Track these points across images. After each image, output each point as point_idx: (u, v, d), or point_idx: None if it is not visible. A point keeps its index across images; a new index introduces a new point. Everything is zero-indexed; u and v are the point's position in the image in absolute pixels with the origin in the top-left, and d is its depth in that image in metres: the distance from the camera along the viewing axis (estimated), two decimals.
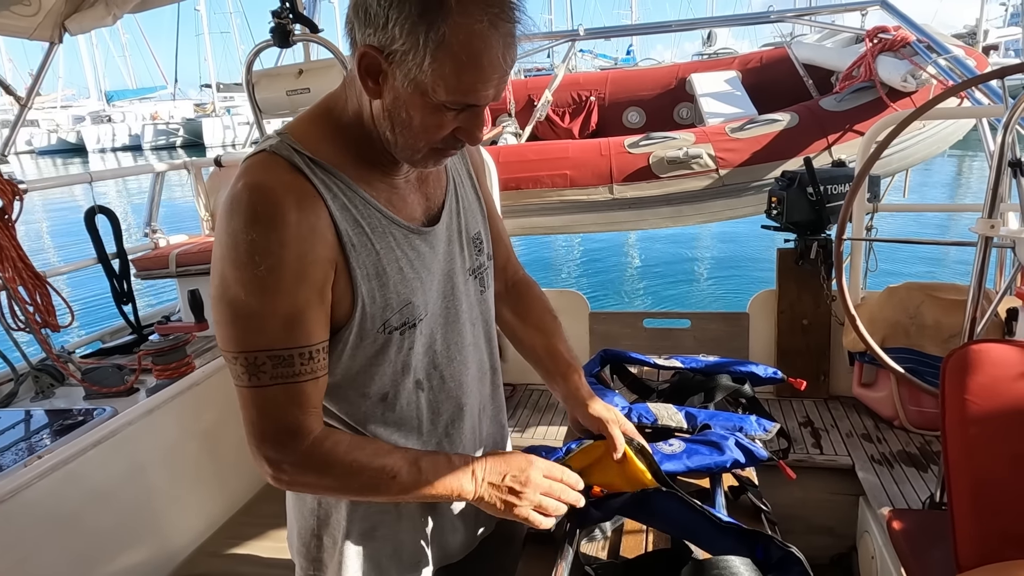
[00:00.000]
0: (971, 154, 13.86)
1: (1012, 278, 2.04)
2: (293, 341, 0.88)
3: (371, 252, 0.92)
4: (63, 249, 11.26)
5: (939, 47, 3.45)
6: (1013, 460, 1.36)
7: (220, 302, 0.88)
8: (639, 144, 3.81)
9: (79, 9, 2.49)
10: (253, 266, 0.84)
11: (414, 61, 0.80)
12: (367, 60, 0.83)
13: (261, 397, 0.89)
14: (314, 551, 1.11)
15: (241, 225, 0.84)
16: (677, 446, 1.34)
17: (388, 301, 0.95)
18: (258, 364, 0.87)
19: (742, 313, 2.90)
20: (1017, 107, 1.60)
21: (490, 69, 0.82)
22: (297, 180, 0.87)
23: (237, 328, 0.87)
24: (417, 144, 0.89)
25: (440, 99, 0.83)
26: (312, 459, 0.91)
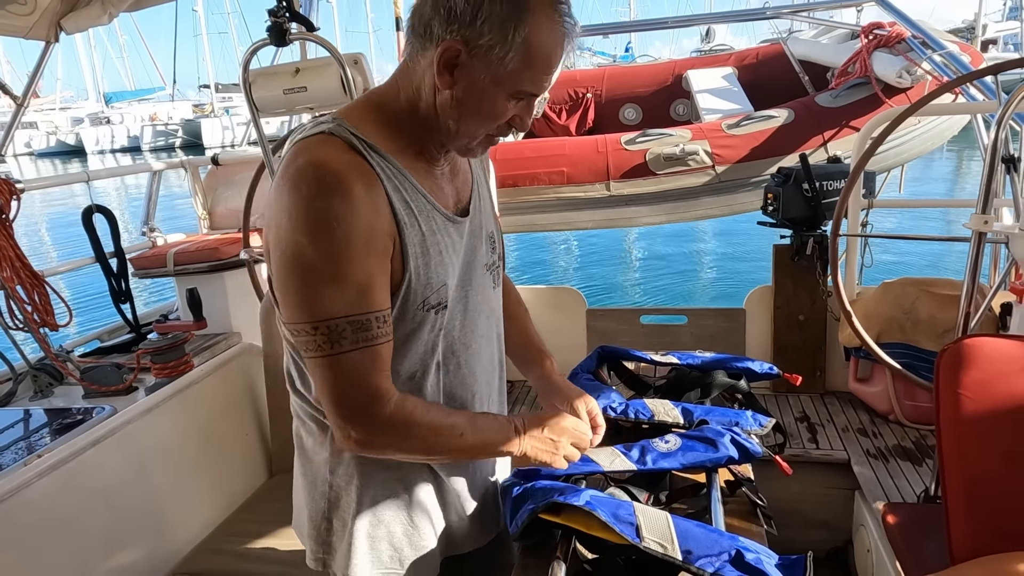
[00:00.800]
0: (969, 148, 13.87)
1: (1006, 273, 2.06)
2: (368, 306, 0.92)
3: (418, 231, 0.98)
4: (61, 249, 11.24)
5: (934, 43, 3.46)
6: (1006, 454, 1.37)
7: (293, 273, 0.91)
8: (636, 141, 3.82)
9: (75, 8, 2.48)
10: (329, 232, 0.88)
11: (498, 55, 0.90)
12: (448, 53, 0.91)
13: (343, 364, 0.92)
14: (324, 534, 1.14)
15: (312, 195, 0.88)
16: (673, 443, 1.35)
17: (430, 279, 1.00)
18: (339, 331, 0.91)
19: (738, 309, 2.92)
20: (1010, 103, 1.61)
21: (555, 63, 0.95)
22: (356, 159, 0.93)
23: (315, 297, 0.91)
24: (477, 131, 0.99)
25: (511, 90, 0.94)
26: (397, 421, 0.96)
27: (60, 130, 35.04)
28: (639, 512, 1.09)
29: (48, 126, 35.07)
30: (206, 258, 2.88)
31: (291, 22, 2.17)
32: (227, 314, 2.86)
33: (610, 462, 1.32)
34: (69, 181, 2.96)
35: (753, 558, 0.99)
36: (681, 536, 1.04)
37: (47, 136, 34.40)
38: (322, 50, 2.31)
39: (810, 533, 2.36)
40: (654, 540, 1.03)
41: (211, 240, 3.08)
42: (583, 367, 1.77)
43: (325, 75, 2.33)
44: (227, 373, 2.46)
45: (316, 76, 2.34)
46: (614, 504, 1.11)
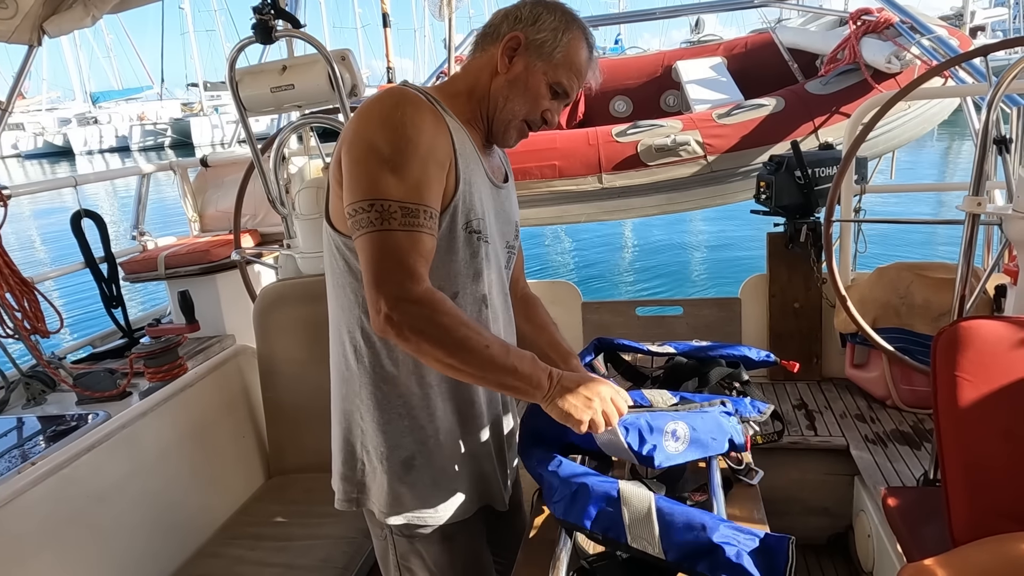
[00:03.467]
0: (958, 132, 13.91)
1: (999, 255, 2.06)
2: (421, 199, 1.06)
3: (467, 167, 1.17)
4: (51, 254, 11.16)
5: (922, 27, 3.46)
6: (1004, 435, 1.37)
7: (365, 159, 1.06)
8: (627, 133, 3.80)
9: (57, 11, 2.45)
10: (404, 129, 1.06)
11: (548, 48, 1.19)
12: (512, 42, 1.19)
13: (388, 239, 1.04)
14: (359, 475, 1.26)
15: (392, 105, 1.08)
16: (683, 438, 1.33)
17: (473, 204, 1.18)
18: (390, 211, 1.04)
19: (734, 298, 2.91)
20: (1000, 85, 1.61)
21: (583, 69, 1.23)
22: (427, 101, 1.13)
23: (377, 180, 1.04)
24: (517, 111, 1.22)
25: (552, 78, 1.20)
26: (424, 301, 1.03)
27: (47, 131, 34.74)
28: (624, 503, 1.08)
29: (35, 127, 34.77)
30: (197, 260, 2.86)
31: (277, 19, 2.15)
32: (220, 316, 2.84)
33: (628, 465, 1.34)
34: (56, 187, 2.92)
35: (735, 552, 0.99)
36: (664, 529, 1.05)
37: (34, 137, 34.12)
38: (309, 47, 2.29)
39: (810, 520, 2.36)
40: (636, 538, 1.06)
41: (202, 242, 3.06)
42: (580, 359, 1.77)
43: (313, 72, 2.30)
44: (222, 375, 2.44)
45: (303, 73, 2.32)
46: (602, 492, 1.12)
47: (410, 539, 1.27)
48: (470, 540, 1.33)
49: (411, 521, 1.25)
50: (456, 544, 1.30)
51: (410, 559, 1.29)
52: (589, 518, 1.11)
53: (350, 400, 1.25)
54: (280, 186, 2.53)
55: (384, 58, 4.94)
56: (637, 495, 1.10)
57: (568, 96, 1.23)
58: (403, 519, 1.25)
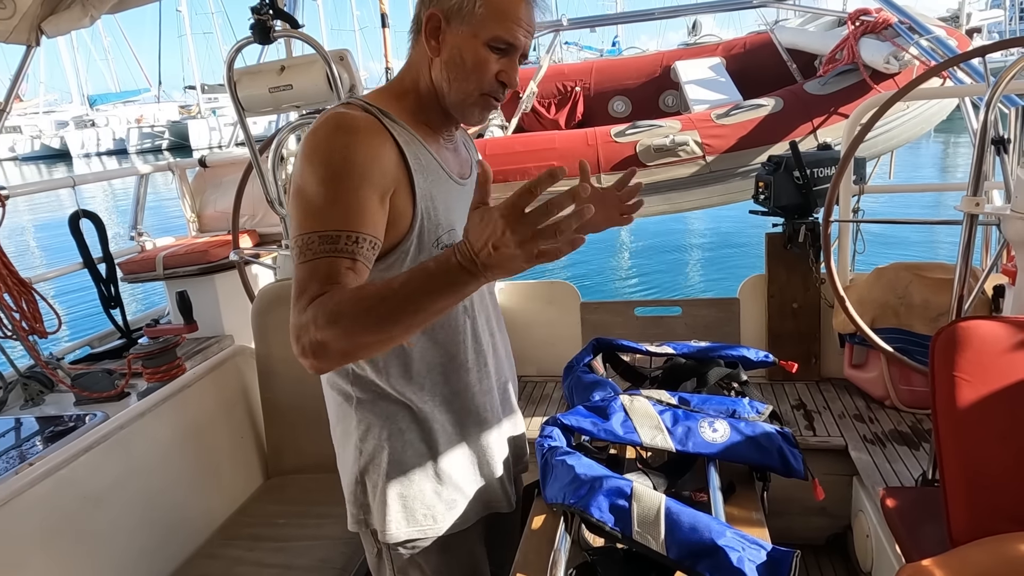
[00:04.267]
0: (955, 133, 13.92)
1: (998, 255, 2.06)
2: (345, 225, 1.00)
3: (426, 179, 1.12)
4: (47, 255, 11.15)
5: (921, 28, 3.46)
6: (1002, 435, 1.37)
7: (295, 198, 1.03)
8: (625, 133, 3.81)
9: (55, 11, 2.45)
10: (329, 161, 1.01)
11: (467, 8, 1.07)
12: (432, 22, 1.10)
13: (301, 271, 0.99)
14: (361, 497, 1.25)
15: (324, 135, 1.04)
16: (722, 434, 1.35)
17: (439, 220, 1.13)
18: (309, 243, 0.99)
19: (732, 299, 2.91)
20: (998, 85, 1.61)
21: (521, 13, 1.10)
22: (370, 117, 1.08)
23: (303, 216, 1.01)
24: (469, 87, 1.12)
25: (486, 37, 1.08)
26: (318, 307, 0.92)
27: (44, 134, 34.71)
28: (635, 499, 1.09)
29: (32, 130, 34.73)
30: (196, 261, 2.86)
31: (275, 19, 2.15)
32: (218, 316, 2.84)
33: (651, 437, 1.34)
34: (55, 187, 2.92)
35: (737, 557, 1.00)
36: (669, 529, 1.05)
37: (31, 140, 34.08)
38: (307, 48, 2.29)
39: (809, 520, 2.36)
40: (641, 533, 1.07)
41: (200, 243, 3.06)
42: (578, 360, 1.77)
43: (311, 73, 2.30)
44: (220, 376, 2.44)
45: (302, 74, 2.31)
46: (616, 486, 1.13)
47: (410, 552, 1.26)
48: (470, 547, 1.32)
49: (412, 536, 1.24)
50: (456, 553, 1.29)
51: (408, 571, 1.28)
52: (599, 507, 1.13)
53: (347, 427, 1.24)
54: (278, 186, 2.53)
55: (382, 59, 4.95)
56: (648, 495, 1.11)
57: (515, 47, 1.11)
58: (404, 534, 1.23)
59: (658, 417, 1.37)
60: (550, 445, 1.33)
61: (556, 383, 2.98)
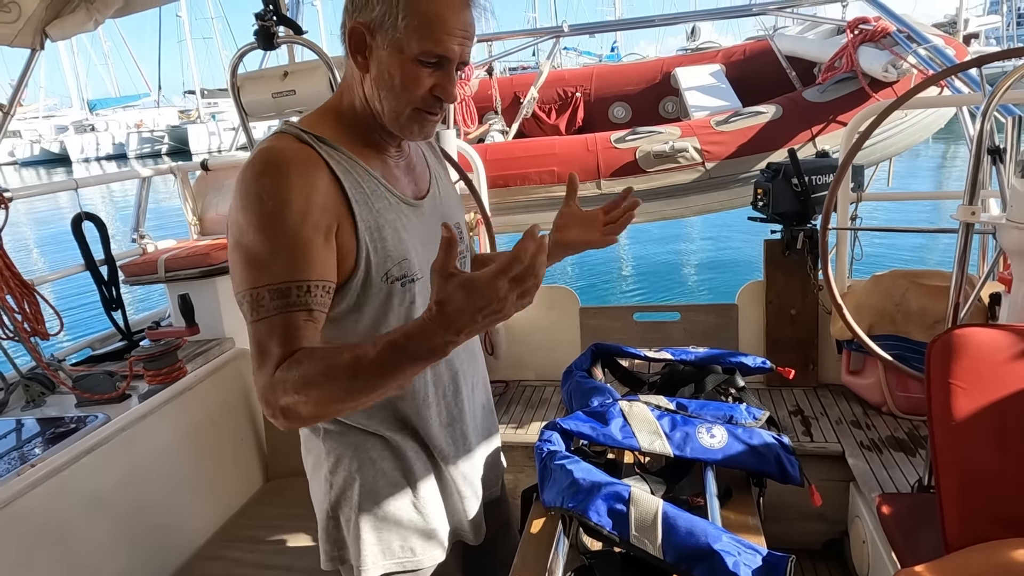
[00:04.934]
0: (953, 139, 13.97)
1: (994, 263, 2.07)
2: (293, 275, 0.94)
3: (370, 209, 1.03)
4: (48, 259, 11.15)
5: (919, 37, 3.49)
6: (998, 441, 1.39)
7: (234, 249, 0.96)
8: (625, 139, 3.83)
9: (60, 15, 2.46)
10: (261, 206, 0.94)
11: (389, 22, 0.96)
12: (355, 37, 0.99)
13: (257, 329, 0.95)
14: (334, 532, 1.19)
15: (252, 177, 0.96)
16: (719, 440, 1.36)
17: (388, 252, 1.04)
18: (259, 299, 0.94)
19: (731, 304, 2.93)
20: (995, 95, 1.62)
21: (452, 21, 0.97)
22: (304, 148, 1.00)
23: (246, 269, 0.95)
24: (401, 105, 1.02)
25: (414, 52, 0.97)
26: (287, 374, 0.90)
27: (44, 138, 34.64)
28: (633, 503, 1.10)
29: (32, 135, 34.68)
30: (197, 264, 2.87)
31: (278, 26, 2.17)
32: (219, 319, 2.85)
33: (649, 442, 1.35)
34: (58, 189, 2.94)
35: (733, 562, 1.01)
36: (666, 533, 1.07)
37: (31, 145, 34.00)
38: (310, 53, 2.31)
39: (805, 526, 2.37)
40: (639, 537, 1.08)
41: (202, 246, 3.07)
42: (577, 365, 1.78)
43: (314, 78, 2.32)
44: (221, 378, 2.45)
45: (305, 79, 2.33)
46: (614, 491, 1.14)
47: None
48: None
49: (390, 569, 1.18)
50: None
51: None
52: (597, 512, 1.14)
53: (317, 458, 1.18)
54: None
55: None
56: (646, 499, 1.12)
57: (450, 59, 0.99)
58: (382, 567, 1.17)
59: (656, 422, 1.38)
60: (549, 449, 1.34)
61: (555, 388, 3.00)
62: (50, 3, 2.35)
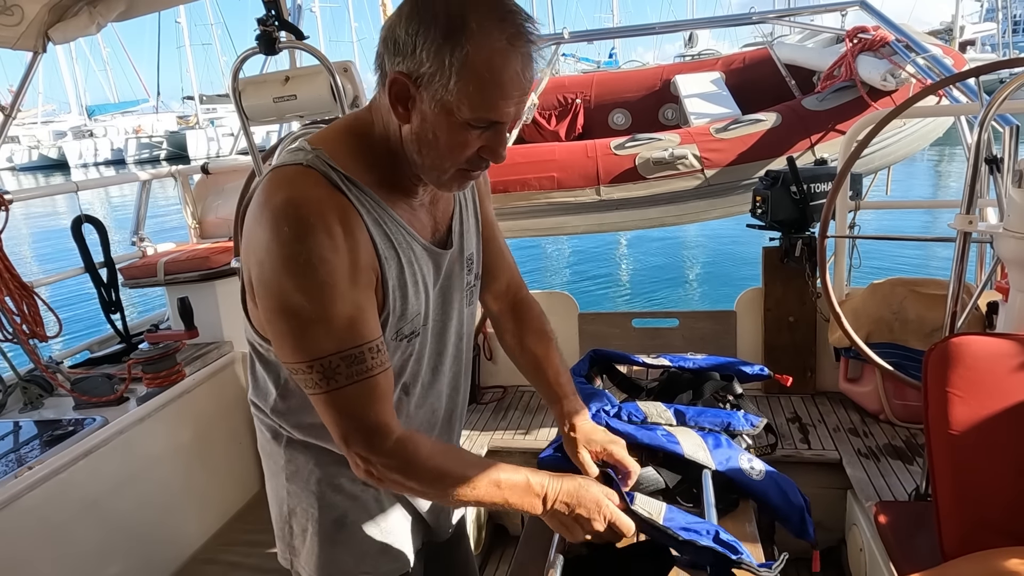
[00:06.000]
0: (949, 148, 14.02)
1: (991, 272, 2.08)
2: (360, 339, 0.92)
3: (397, 264, 0.99)
4: (45, 263, 11.14)
5: (917, 46, 3.51)
6: (994, 450, 1.39)
7: (283, 315, 0.91)
8: (625, 146, 3.84)
9: (62, 18, 2.47)
10: (313, 273, 0.87)
11: (440, 82, 0.85)
12: (397, 87, 0.89)
13: (341, 399, 0.92)
14: (288, 536, 1.17)
15: (293, 238, 0.87)
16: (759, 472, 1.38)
17: (406, 310, 1.01)
18: (333, 368, 0.90)
19: (729, 311, 2.93)
20: (992, 105, 1.63)
21: (510, 86, 0.87)
22: (336, 195, 0.92)
23: (306, 338, 0.90)
24: (444, 165, 0.94)
25: (465, 117, 0.88)
26: (396, 459, 0.94)
27: (42, 144, 34.52)
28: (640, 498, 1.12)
29: (30, 140, 34.53)
30: (197, 267, 2.87)
31: (280, 31, 2.18)
32: (218, 323, 2.85)
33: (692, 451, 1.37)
34: (58, 192, 2.95)
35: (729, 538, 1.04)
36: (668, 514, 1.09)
37: (29, 150, 33.90)
38: (311, 58, 2.32)
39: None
40: (644, 509, 1.08)
41: (201, 249, 3.07)
42: (575, 371, 1.78)
43: (315, 83, 2.33)
44: (219, 382, 2.45)
45: (306, 84, 2.34)
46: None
47: None
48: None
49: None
50: None
51: None
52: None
53: (275, 463, 1.15)
54: None
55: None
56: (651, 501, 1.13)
57: (503, 122, 0.91)
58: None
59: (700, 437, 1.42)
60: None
61: None
62: (53, 6, 2.36)
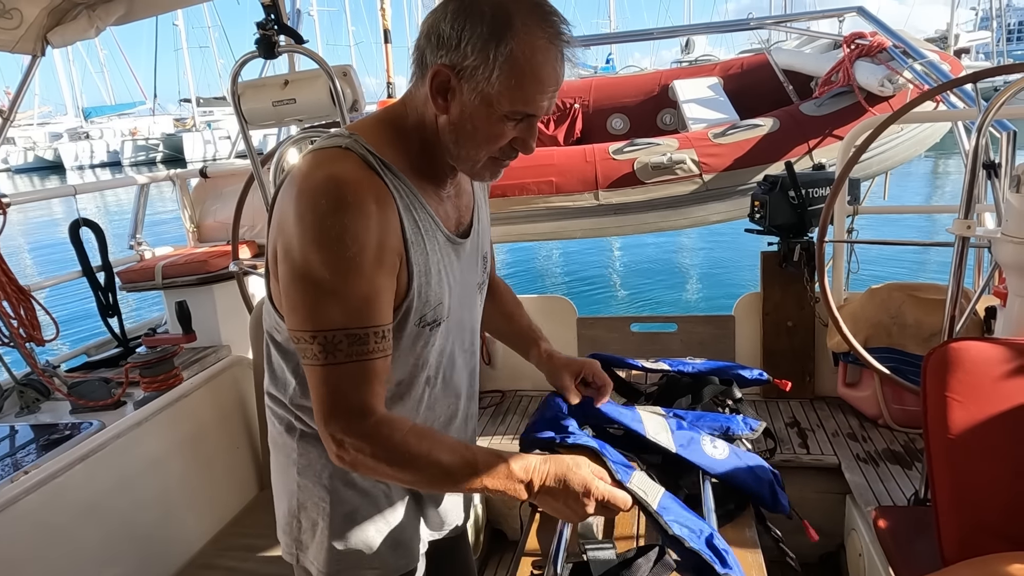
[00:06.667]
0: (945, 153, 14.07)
1: (989, 277, 2.08)
2: (369, 320, 0.93)
3: (423, 251, 1.01)
4: (42, 266, 11.12)
5: (915, 52, 3.52)
6: (993, 455, 1.39)
7: (301, 282, 0.92)
8: (623, 150, 3.85)
9: (61, 22, 2.47)
10: (342, 248, 0.90)
11: (483, 75, 0.91)
12: (439, 78, 0.94)
13: (335, 374, 0.93)
14: (295, 531, 1.16)
15: (329, 211, 0.90)
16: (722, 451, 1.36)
17: (429, 297, 1.03)
18: (335, 342, 0.92)
19: (728, 316, 2.93)
20: (990, 110, 1.64)
21: (548, 81, 0.94)
22: (373, 178, 0.95)
23: (319, 308, 0.92)
24: (478, 154, 0.99)
25: (504, 110, 0.94)
26: (368, 440, 0.93)
27: (38, 146, 34.39)
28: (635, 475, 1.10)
29: (26, 142, 34.42)
30: (195, 271, 2.87)
31: (279, 35, 2.18)
32: (216, 327, 2.85)
33: (655, 432, 1.33)
34: (56, 195, 2.94)
35: (722, 546, 1.02)
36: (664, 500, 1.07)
37: (24, 152, 33.79)
38: (310, 62, 2.32)
39: (802, 538, 2.37)
40: (640, 489, 1.06)
41: (200, 253, 3.07)
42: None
43: (314, 87, 2.33)
44: (217, 386, 2.44)
45: (305, 88, 2.34)
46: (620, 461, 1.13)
47: None
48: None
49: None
50: None
51: None
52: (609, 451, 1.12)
53: (287, 456, 1.16)
54: None
55: (378, 75, 5.01)
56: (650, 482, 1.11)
57: (537, 115, 0.97)
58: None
59: (665, 420, 1.39)
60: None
61: None
62: (52, 10, 2.36)
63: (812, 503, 2.36)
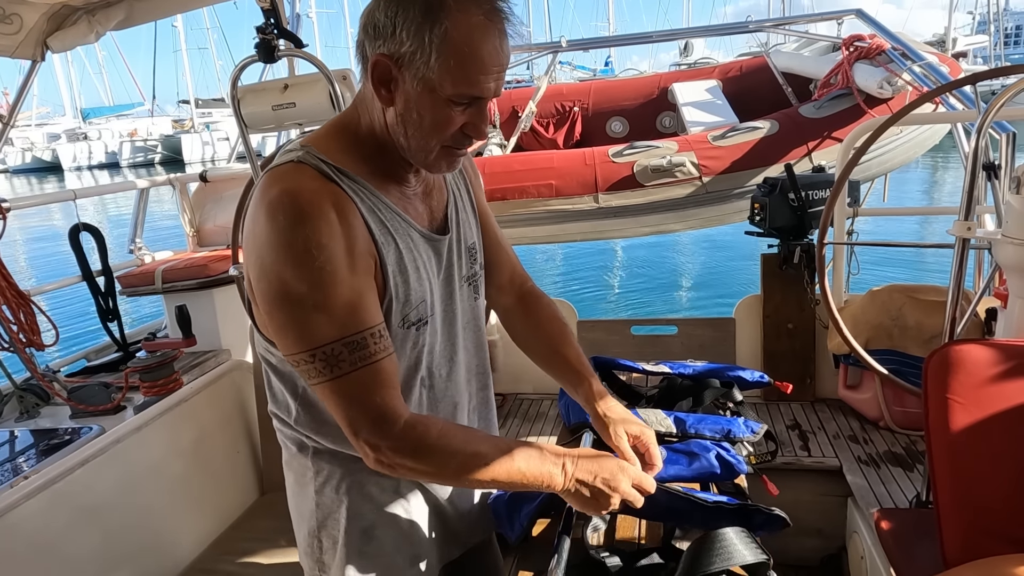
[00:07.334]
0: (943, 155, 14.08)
1: (990, 278, 2.08)
2: (361, 325, 0.92)
3: (395, 250, 0.99)
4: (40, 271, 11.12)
5: (914, 54, 3.53)
6: (995, 457, 1.39)
7: (283, 304, 0.91)
8: (623, 153, 3.85)
9: (61, 27, 2.47)
10: (310, 259, 0.88)
11: (421, 59, 0.89)
12: (379, 69, 0.92)
13: (346, 385, 0.92)
14: (317, 552, 1.14)
15: (289, 224, 0.88)
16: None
17: (409, 296, 1.01)
18: (336, 355, 0.90)
19: (728, 318, 2.93)
20: (989, 111, 1.64)
21: (489, 60, 0.91)
22: (328, 185, 0.93)
23: (308, 327, 0.91)
24: (429, 144, 0.96)
25: (447, 93, 0.91)
26: (406, 442, 0.93)
27: (36, 146, 34.25)
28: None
29: (24, 143, 34.31)
30: (195, 275, 2.87)
31: (279, 39, 2.18)
32: (216, 331, 2.84)
33: None
34: (56, 199, 2.94)
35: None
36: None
37: (22, 153, 33.69)
38: (309, 66, 2.32)
39: (803, 541, 2.36)
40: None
41: (199, 257, 3.07)
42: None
43: (314, 91, 2.33)
44: (217, 390, 2.44)
45: (305, 92, 2.34)
46: None
47: None
48: None
49: None
50: None
51: None
52: None
53: (303, 476, 1.14)
54: None
55: None
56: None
57: (484, 97, 0.94)
58: None
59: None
60: None
61: (552, 401, 2.99)
62: (52, 15, 2.37)
63: (813, 505, 2.35)
